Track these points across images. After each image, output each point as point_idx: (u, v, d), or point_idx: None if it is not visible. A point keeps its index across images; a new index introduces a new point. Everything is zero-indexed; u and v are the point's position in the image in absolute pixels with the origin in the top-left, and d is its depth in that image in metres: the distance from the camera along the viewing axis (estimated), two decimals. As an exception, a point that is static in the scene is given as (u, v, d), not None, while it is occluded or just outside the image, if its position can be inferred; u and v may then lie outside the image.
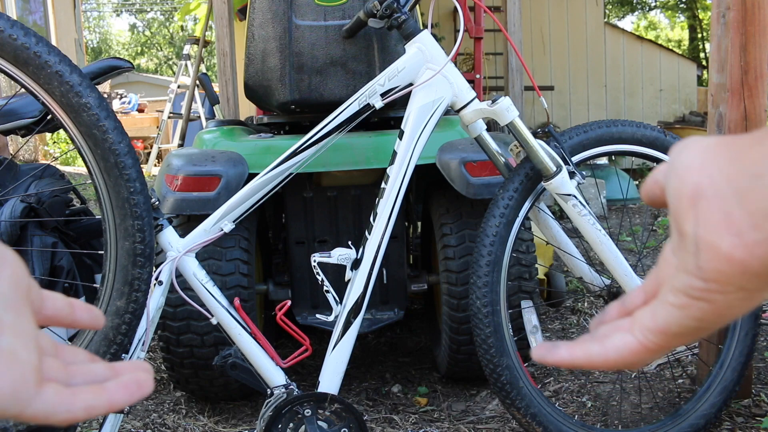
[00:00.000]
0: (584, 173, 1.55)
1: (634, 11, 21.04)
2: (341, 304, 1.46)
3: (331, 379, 1.45)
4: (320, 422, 1.38)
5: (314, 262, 1.44)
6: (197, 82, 4.98)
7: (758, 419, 1.76)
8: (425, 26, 1.54)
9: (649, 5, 20.80)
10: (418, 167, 1.54)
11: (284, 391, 1.41)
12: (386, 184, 1.48)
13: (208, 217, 1.45)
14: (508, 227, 1.52)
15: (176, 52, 25.24)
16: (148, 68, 26.33)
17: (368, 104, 1.49)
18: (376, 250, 1.46)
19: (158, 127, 7.37)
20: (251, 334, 1.40)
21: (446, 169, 1.79)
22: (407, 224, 2.31)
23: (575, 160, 1.55)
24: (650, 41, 8.77)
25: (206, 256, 1.80)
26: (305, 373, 2.23)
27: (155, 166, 7.27)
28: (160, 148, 7.27)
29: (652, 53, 8.00)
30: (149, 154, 7.75)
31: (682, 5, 18.77)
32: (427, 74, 1.49)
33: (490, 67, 6.29)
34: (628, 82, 7.87)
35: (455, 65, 1.53)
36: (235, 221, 1.44)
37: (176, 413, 2.00)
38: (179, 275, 1.39)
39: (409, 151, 1.47)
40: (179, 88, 6.70)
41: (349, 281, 1.47)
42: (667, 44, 18.91)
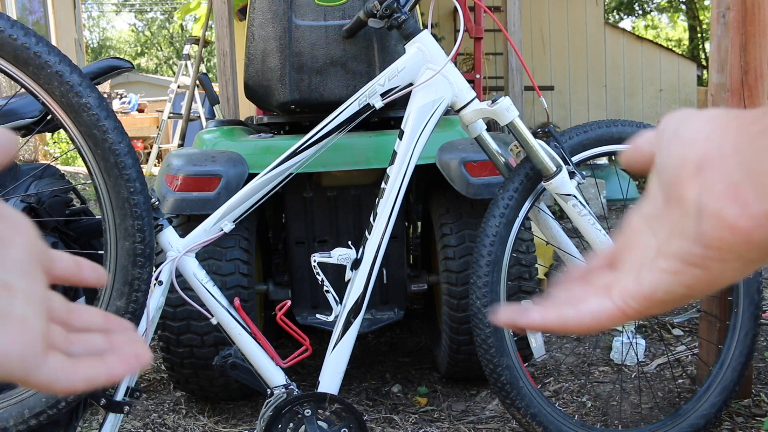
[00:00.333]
0: (584, 173, 1.55)
1: (633, 14, 21.04)
2: (341, 304, 1.46)
3: (331, 379, 1.45)
4: (320, 422, 1.38)
5: (314, 262, 1.44)
6: (197, 82, 4.98)
7: (758, 419, 1.76)
8: (425, 26, 1.54)
9: (646, 6, 20.80)
10: (418, 167, 1.54)
11: (284, 391, 1.41)
12: (386, 184, 1.48)
13: (208, 217, 1.45)
14: (508, 227, 1.52)
15: (176, 52, 25.24)
16: (148, 68, 26.33)
17: (368, 104, 1.49)
18: (376, 250, 1.46)
19: (158, 127, 7.37)
20: (251, 334, 1.40)
21: (446, 169, 1.79)
22: (407, 224, 2.31)
23: (575, 160, 1.55)
24: (650, 41, 8.78)
25: (206, 256, 1.80)
26: (305, 373, 2.23)
27: (155, 166, 7.27)
28: (160, 148, 7.27)
29: (652, 53, 8.01)
30: (149, 154, 7.74)
31: (681, 5, 18.77)
32: (427, 74, 1.49)
33: (490, 67, 6.29)
34: (628, 82, 7.87)
35: (455, 65, 1.53)
36: (235, 221, 1.44)
37: (176, 413, 2.00)
38: (179, 275, 1.39)
39: (409, 151, 1.47)
40: (179, 88, 6.69)
41: (349, 281, 1.47)
42: (667, 44, 18.90)
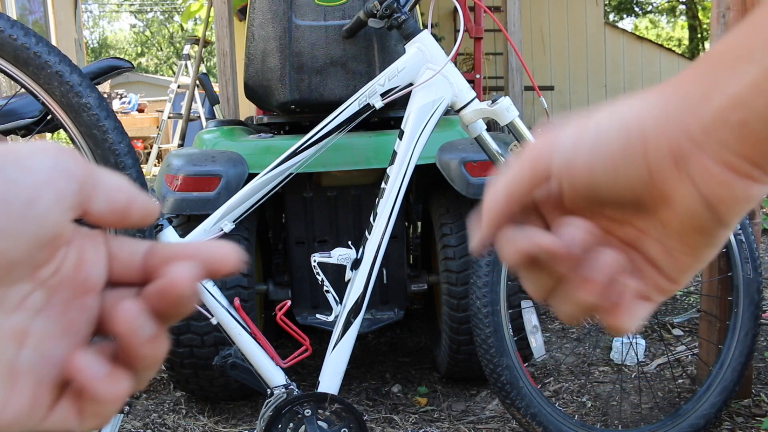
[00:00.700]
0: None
1: (633, 14, 21.04)
2: (341, 304, 1.46)
3: (331, 379, 1.45)
4: (320, 422, 1.38)
5: (314, 262, 1.44)
6: (197, 82, 4.98)
7: (758, 419, 1.76)
8: (425, 26, 1.54)
9: (646, 7, 20.80)
10: (418, 167, 1.54)
11: (284, 391, 1.41)
12: (386, 184, 1.48)
13: (208, 217, 1.45)
14: (508, 227, 1.52)
15: (176, 52, 25.25)
16: (148, 68, 26.34)
17: (368, 104, 1.49)
18: (376, 250, 1.46)
19: (158, 127, 7.37)
20: (251, 334, 1.40)
21: (446, 169, 1.79)
22: (407, 224, 2.31)
23: (575, 160, 1.54)
24: (650, 41, 8.78)
25: (206, 256, 1.80)
26: (305, 373, 2.23)
27: (155, 166, 7.27)
28: (160, 148, 7.27)
29: (652, 53, 8.01)
30: (149, 154, 7.75)
31: (681, 5, 18.76)
32: (427, 74, 1.49)
33: (490, 67, 6.30)
34: (628, 82, 7.87)
35: (455, 65, 1.53)
36: (235, 221, 1.44)
37: (176, 413, 2.01)
38: (179, 275, 1.39)
39: (409, 151, 1.47)
40: (179, 88, 6.69)
41: (349, 281, 1.47)
42: (667, 44, 18.90)
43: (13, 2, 7.38)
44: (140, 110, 8.89)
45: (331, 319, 1.46)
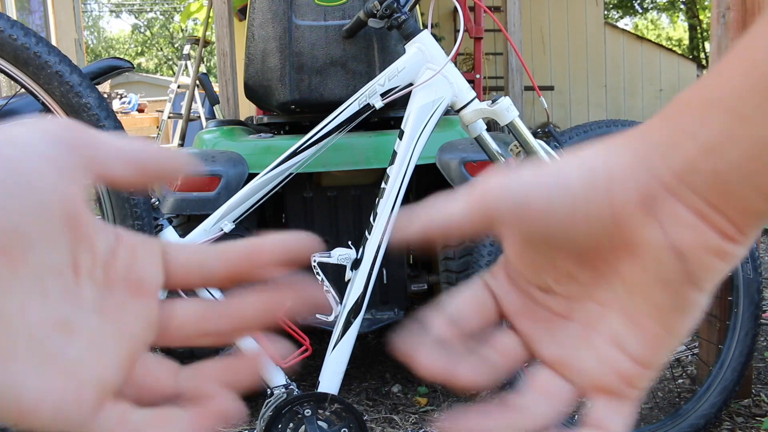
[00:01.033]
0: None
1: (633, 14, 21.05)
2: (341, 304, 1.46)
3: (331, 379, 1.45)
4: (320, 422, 1.38)
5: (314, 262, 1.44)
6: (197, 82, 4.98)
7: (758, 419, 1.76)
8: (425, 26, 1.54)
9: (646, 5, 20.81)
10: (418, 167, 1.54)
11: (284, 391, 1.41)
12: (386, 184, 1.48)
13: (208, 217, 1.45)
14: (508, 227, 1.52)
15: (176, 52, 25.26)
16: (148, 68, 26.35)
17: (368, 104, 1.49)
18: (376, 250, 1.46)
19: (158, 127, 7.37)
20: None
21: (446, 169, 1.79)
22: (407, 224, 2.30)
23: (575, 160, 1.54)
24: (650, 41, 8.79)
25: (206, 256, 1.80)
26: (305, 373, 2.23)
27: (155, 166, 7.25)
28: (160, 148, 7.25)
29: (652, 53, 8.01)
30: (149, 154, 7.73)
31: (681, 5, 18.77)
32: (427, 74, 1.49)
33: (490, 67, 6.30)
34: (628, 82, 7.87)
35: (455, 65, 1.53)
36: (235, 221, 1.44)
37: (176, 413, 2.00)
38: (179, 275, 1.39)
39: (409, 151, 1.47)
40: (179, 88, 6.69)
41: (349, 281, 1.47)
42: (667, 44, 18.91)
43: (12, 2, 7.38)
44: (140, 110, 8.89)
45: (331, 319, 1.46)
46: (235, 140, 1.91)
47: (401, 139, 1.49)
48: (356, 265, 1.46)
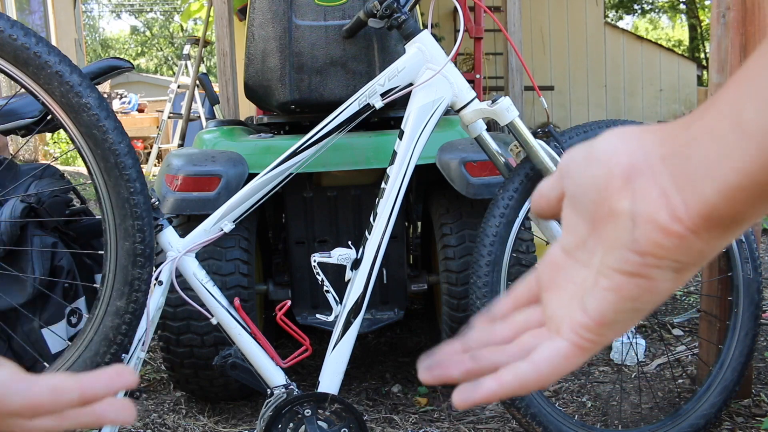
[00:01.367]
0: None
1: (633, 13, 21.04)
2: (341, 304, 1.46)
3: (331, 379, 1.45)
4: (320, 422, 1.38)
5: (314, 262, 1.44)
6: (197, 82, 4.98)
7: (758, 419, 1.76)
8: (425, 26, 1.54)
9: (645, 6, 20.79)
10: (418, 167, 1.54)
11: (284, 391, 1.41)
12: (386, 184, 1.48)
13: (208, 217, 1.45)
14: (508, 227, 1.52)
15: (176, 51, 25.24)
16: (148, 68, 26.33)
17: (368, 104, 1.49)
18: (376, 250, 1.46)
19: (158, 127, 7.37)
20: (251, 334, 1.40)
21: (446, 169, 1.79)
22: (407, 224, 2.31)
23: (575, 160, 1.54)
24: (650, 41, 8.78)
25: (206, 256, 1.80)
26: (305, 373, 2.23)
27: (155, 166, 7.27)
28: (160, 148, 7.27)
29: (652, 53, 8.01)
30: (149, 154, 7.75)
31: (681, 5, 18.76)
32: (427, 74, 1.49)
33: (490, 67, 6.30)
34: (628, 82, 7.87)
35: (455, 65, 1.53)
36: (235, 221, 1.44)
37: (176, 413, 2.01)
38: (179, 275, 1.39)
39: (409, 151, 1.47)
40: (179, 88, 6.70)
41: (349, 281, 1.47)
42: (667, 44, 18.90)
43: (12, 2, 7.38)
44: (140, 110, 8.89)
45: (331, 319, 1.46)
46: (235, 140, 1.91)
47: (401, 139, 1.49)
48: (356, 265, 1.46)
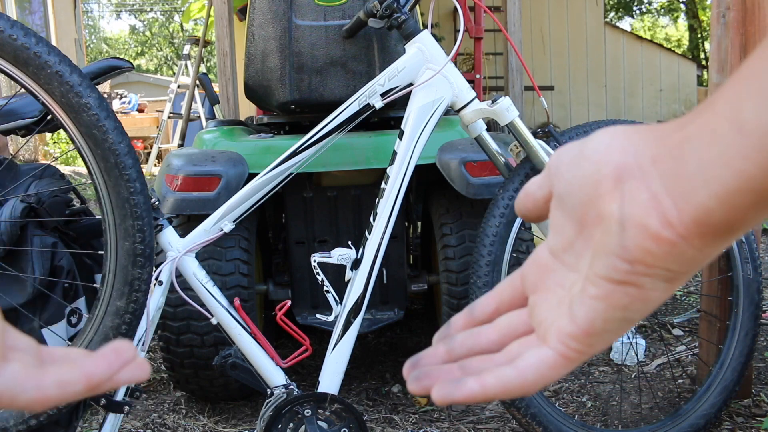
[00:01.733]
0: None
1: (632, 14, 21.03)
2: (341, 304, 1.46)
3: (331, 379, 1.45)
4: (320, 422, 1.38)
5: (314, 262, 1.44)
6: (197, 82, 4.98)
7: (758, 419, 1.76)
8: (425, 26, 1.54)
9: (646, 6, 20.79)
10: (418, 167, 1.54)
11: (284, 391, 1.41)
12: (386, 184, 1.48)
13: (208, 217, 1.45)
14: (508, 227, 1.52)
15: (176, 51, 25.24)
16: (148, 68, 26.33)
17: (368, 104, 1.49)
18: (376, 250, 1.46)
19: (158, 127, 7.38)
20: (251, 334, 1.40)
21: (446, 169, 1.79)
22: (407, 224, 2.31)
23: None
24: (650, 41, 8.78)
25: (206, 256, 1.80)
26: (305, 373, 2.23)
27: (155, 166, 7.27)
28: (160, 148, 7.27)
29: (652, 53, 8.01)
30: (149, 154, 7.75)
31: (681, 5, 18.76)
32: (427, 74, 1.49)
33: (490, 67, 6.30)
34: (628, 82, 7.87)
35: (455, 65, 1.53)
36: (235, 221, 1.44)
37: (176, 413, 2.01)
38: (179, 275, 1.39)
39: (409, 151, 1.47)
40: (179, 88, 6.70)
41: (349, 281, 1.47)
42: (667, 44, 18.90)
43: (12, 2, 7.38)
44: (140, 110, 8.89)
45: (331, 319, 1.46)
46: (235, 140, 1.91)
47: (401, 139, 1.49)
48: (356, 265, 1.46)
